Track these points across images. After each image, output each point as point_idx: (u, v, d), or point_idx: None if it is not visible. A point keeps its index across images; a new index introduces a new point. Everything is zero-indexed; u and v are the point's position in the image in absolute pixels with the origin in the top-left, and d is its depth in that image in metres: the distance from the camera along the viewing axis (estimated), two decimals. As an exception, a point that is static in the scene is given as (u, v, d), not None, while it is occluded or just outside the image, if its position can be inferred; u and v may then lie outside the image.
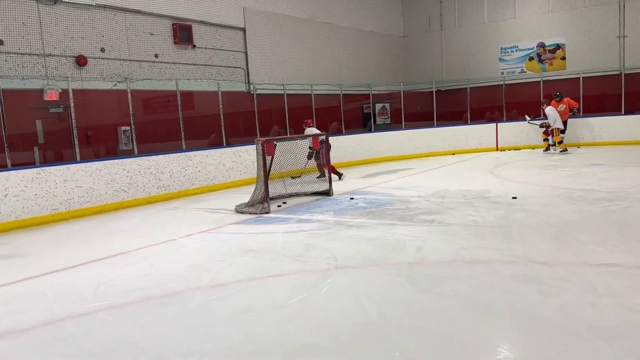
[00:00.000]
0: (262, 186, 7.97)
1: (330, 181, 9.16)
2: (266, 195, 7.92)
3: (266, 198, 7.90)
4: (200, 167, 10.51)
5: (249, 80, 13.50)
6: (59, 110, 9.73)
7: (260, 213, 7.68)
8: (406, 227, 6.09)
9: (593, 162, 11.32)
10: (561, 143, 13.73)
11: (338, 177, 10.96)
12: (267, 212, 7.69)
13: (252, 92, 13.02)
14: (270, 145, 8.21)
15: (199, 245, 6.00)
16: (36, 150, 9.49)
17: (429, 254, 4.93)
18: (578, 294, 3.68)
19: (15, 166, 8.18)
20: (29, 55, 9.47)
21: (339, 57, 16.73)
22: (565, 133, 14.64)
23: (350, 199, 8.51)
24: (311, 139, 9.64)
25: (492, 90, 17.05)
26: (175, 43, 11.82)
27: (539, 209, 6.65)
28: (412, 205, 7.54)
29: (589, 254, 4.63)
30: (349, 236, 5.87)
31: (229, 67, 13.14)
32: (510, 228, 5.77)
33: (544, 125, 14.01)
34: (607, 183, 8.39)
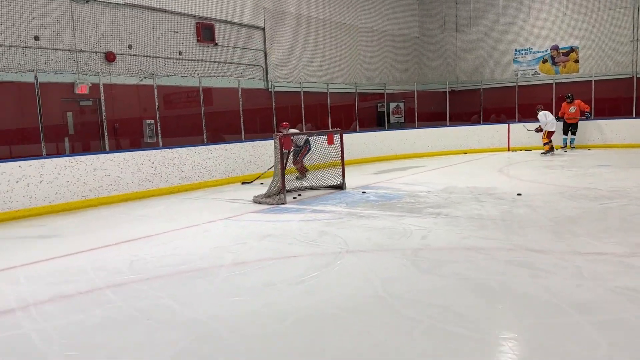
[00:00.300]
0: (279, 179, 8.43)
1: (343, 176, 9.58)
2: (283, 187, 8.37)
3: (283, 190, 8.36)
4: (220, 160, 11.02)
5: (267, 78, 13.98)
6: (89, 103, 10.31)
7: (277, 204, 8.14)
8: (414, 219, 6.51)
9: (601, 163, 11.59)
10: (547, 145, 14.05)
11: (300, 175, 10.38)
12: (283, 203, 8.15)
13: (270, 90, 13.52)
14: (288, 140, 8.67)
15: (221, 231, 6.48)
16: (67, 140, 10.09)
17: (433, 242, 5.34)
18: (565, 276, 4.07)
19: (48, 155, 8.75)
20: (62, 50, 10.05)
21: (355, 56, 17.13)
22: (576, 135, 14.94)
23: (362, 192, 8.94)
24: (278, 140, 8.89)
25: (505, 92, 17.31)
26: (198, 41, 12.34)
27: (541, 205, 7.01)
28: (420, 199, 7.94)
29: (581, 244, 5.01)
30: (360, 225, 6.30)
31: (249, 65, 13.63)
32: (512, 221, 6.14)
33: (538, 129, 14.30)
34: (610, 183, 8.68)
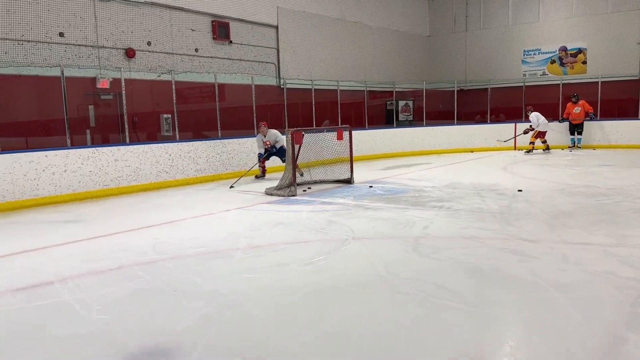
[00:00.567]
0: (290, 172, 8.85)
1: (352, 171, 9.98)
2: (293, 180, 8.80)
3: (293, 182, 8.78)
4: (234, 154, 11.47)
5: (279, 75, 14.41)
6: (109, 97, 10.80)
7: (288, 195, 8.57)
8: (417, 211, 6.90)
9: (604, 162, 11.89)
10: (532, 144, 14.56)
11: (260, 174, 11.00)
12: (293, 195, 8.58)
13: (282, 86, 13.96)
14: (299, 135, 9.09)
15: (236, 219, 6.93)
16: (88, 132, 10.59)
17: (434, 231, 5.74)
18: (551, 262, 4.46)
19: (72, 146, 9.24)
20: (85, 46, 10.54)
21: (365, 55, 17.51)
22: (582, 134, 15.22)
23: (369, 187, 9.34)
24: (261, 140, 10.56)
25: (513, 92, 17.61)
26: (214, 39, 12.80)
27: (539, 200, 7.37)
28: (425, 194, 8.33)
29: (571, 235, 5.38)
30: (366, 216, 6.71)
31: (262, 62, 14.07)
32: (510, 214, 6.52)
33: (527, 130, 14.71)
34: (610, 181, 9.00)
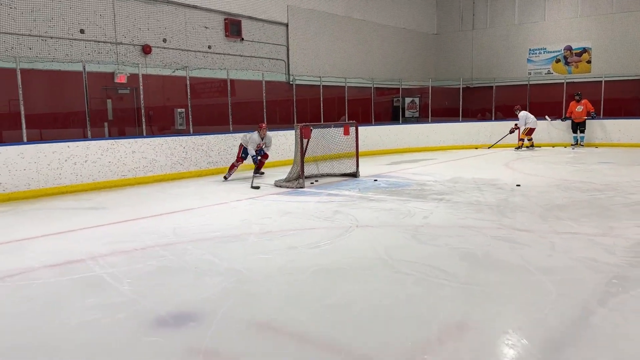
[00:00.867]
0: (299, 165, 9.27)
1: (357, 165, 10.38)
2: (302, 173, 9.22)
3: (302, 175, 9.20)
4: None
5: (288, 72, 14.82)
6: (126, 91, 11.25)
7: (296, 187, 8.99)
8: (419, 203, 7.30)
9: (604, 160, 12.21)
10: (521, 141, 15.29)
11: (257, 173, 10.66)
12: (301, 187, 9.00)
13: (292, 83, 14.37)
14: (308, 130, 9.50)
15: (247, 208, 7.36)
16: (106, 125, 11.06)
17: (433, 221, 6.14)
18: (539, 249, 4.85)
19: (93, 138, 9.71)
20: (104, 42, 11.00)
21: (372, 52, 17.86)
22: (585, 133, 15.51)
23: (374, 180, 9.74)
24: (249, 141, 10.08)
25: (518, 90, 17.90)
26: (226, 36, 13.22)
27: (535, 194, 7.75)
28: (427, 187, 8.73)
29: (561, 226, 5.76)
30: (370, 207, 7.12)
31: (272, 59, 14.48)
32: (506, 207, 6.90)
33: (512, 129, 15.36)
34: (607, 178, 9.34)
